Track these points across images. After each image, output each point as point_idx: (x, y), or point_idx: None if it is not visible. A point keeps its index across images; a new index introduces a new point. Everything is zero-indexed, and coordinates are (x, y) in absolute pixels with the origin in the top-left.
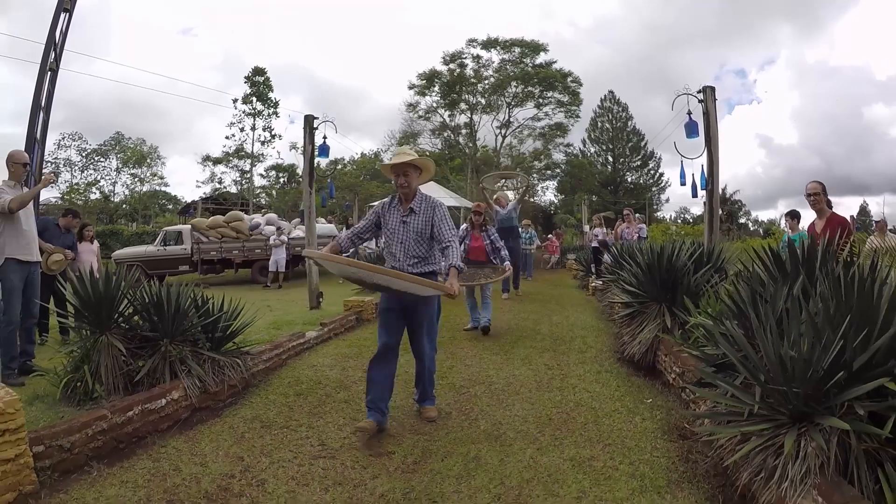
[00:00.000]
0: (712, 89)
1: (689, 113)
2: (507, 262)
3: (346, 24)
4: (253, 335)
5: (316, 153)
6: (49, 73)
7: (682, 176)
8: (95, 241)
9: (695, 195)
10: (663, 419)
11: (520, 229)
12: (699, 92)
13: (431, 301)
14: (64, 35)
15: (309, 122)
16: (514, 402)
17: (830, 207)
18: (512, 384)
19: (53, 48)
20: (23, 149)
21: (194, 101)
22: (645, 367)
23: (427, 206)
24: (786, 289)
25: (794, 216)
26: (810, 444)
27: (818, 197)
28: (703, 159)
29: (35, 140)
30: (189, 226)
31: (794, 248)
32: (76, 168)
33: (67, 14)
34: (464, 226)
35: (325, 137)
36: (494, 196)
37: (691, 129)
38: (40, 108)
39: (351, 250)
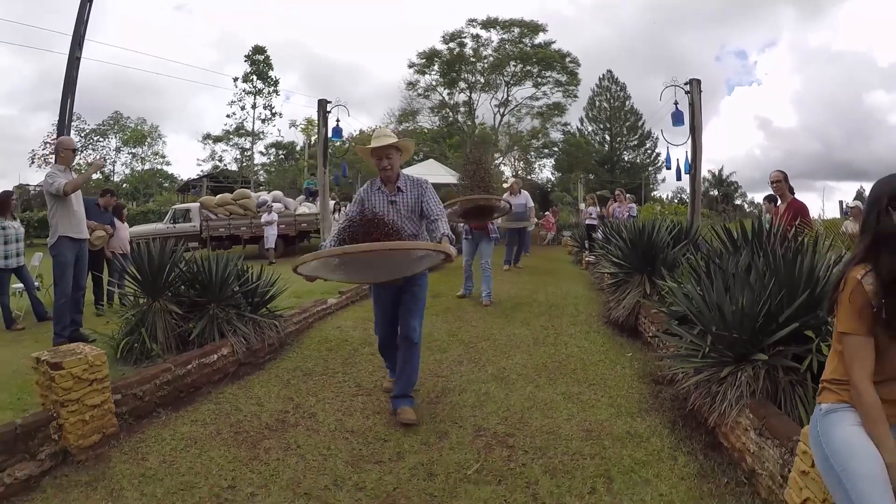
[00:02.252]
0: (698, 82)
1: (676, 103)
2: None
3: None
4: (279, 303)
5: (330, 135)
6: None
7: (668, 160)
8: None
9: (679, 178)
10: (640, 368)
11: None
12: (686, 84)
13: (423, 282)
14: (86, 23)
15: (322, 105)
16: (515, 354)
17: (793, 193)
18: (513, 340)
19: (79, 40)
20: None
21: (189, 79)
22: (628, 329)
23: (413, 183)
24: (734, 259)
25: (770, 199)
26: (744, 374)
27: (780, 184)
28: (689, 146)
29: (65, 126)
30: (198, 203)
31: (744, 226)
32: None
33: (90, 3)
34: None
35: (338, 120)
36: (508, 183)
37: (677, 118)
38: (70, 95)
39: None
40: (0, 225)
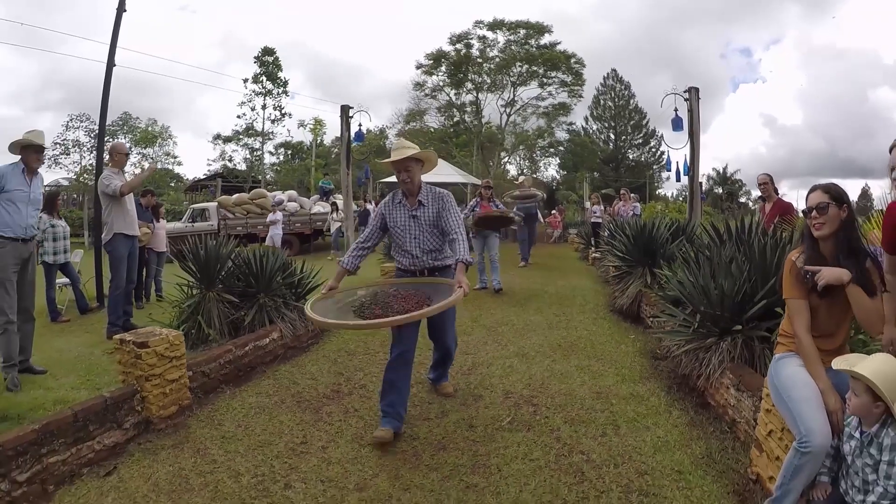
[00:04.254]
0: (696, 90)
1: (676, 109)
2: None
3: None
4: (315, 293)
5: (352, 139)
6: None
7: (668, 163)
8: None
9: (678, 179)
10: (641, 346)
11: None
12: (686, 92)
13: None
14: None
15: (345, 111)
16: (532, 336)
17: (777, 194)
18: (529, 325)
19: (114, 49)
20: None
21: (192, 79)
22: (631, 316)
23: (434, 196)
24: (720, 250)
25: (763, 199)
26: (725, 343)
27: (766, 186)
28: (687, 149)
29: (104, 131)
30: (215, 203)
31: (728, 223)
32: (85, 149)
33: (123, 11)
34: (474, 199)
35: (360, 125)
36: (518, 181)
37: (676, 124)
38: (107, 104)
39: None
40: (50, 223)
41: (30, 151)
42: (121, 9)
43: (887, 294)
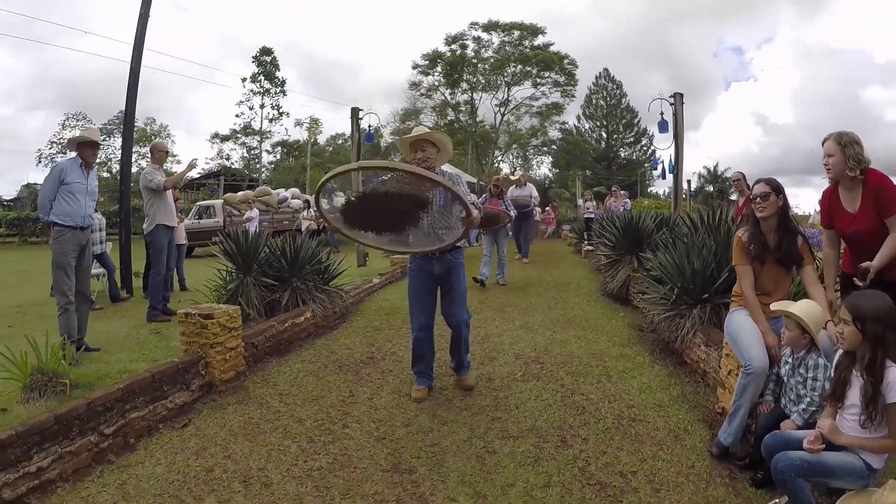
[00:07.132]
0: (681, 95)
1: (662, 113)
2: (513, 212)
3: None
4: (337, 281)
5: (363, 140)
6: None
7: (655, 162)
8: None
9: (664, 177)
10: (629, 322)
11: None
12: (671, 97)
13: (460, 269)
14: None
15: (355, 113)
16: (534, 313)
17: (749, 190)
18: (531, 305)
19: (139, 56)
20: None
21: (187, 77)
22: (620, 298)
23: (447, 180)
24: (694, 236)
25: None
26: (696, 310)
27: (739, 182)
28: (672, 150)
29: (131, 132)
30: (221, 200)
31: (702, 214)
32: None
33: (147, 17)
34: (485, 195)
35: (369, 126)
36: (517, 176)
37: (662, 127)
38: (134, 106)
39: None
40: None
41: (86, 147)
42: (145, 14)
43: (825, 263)
